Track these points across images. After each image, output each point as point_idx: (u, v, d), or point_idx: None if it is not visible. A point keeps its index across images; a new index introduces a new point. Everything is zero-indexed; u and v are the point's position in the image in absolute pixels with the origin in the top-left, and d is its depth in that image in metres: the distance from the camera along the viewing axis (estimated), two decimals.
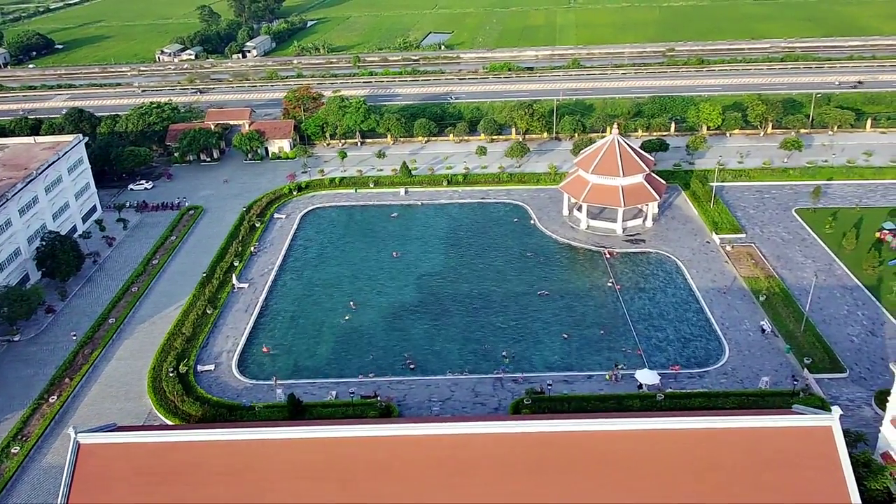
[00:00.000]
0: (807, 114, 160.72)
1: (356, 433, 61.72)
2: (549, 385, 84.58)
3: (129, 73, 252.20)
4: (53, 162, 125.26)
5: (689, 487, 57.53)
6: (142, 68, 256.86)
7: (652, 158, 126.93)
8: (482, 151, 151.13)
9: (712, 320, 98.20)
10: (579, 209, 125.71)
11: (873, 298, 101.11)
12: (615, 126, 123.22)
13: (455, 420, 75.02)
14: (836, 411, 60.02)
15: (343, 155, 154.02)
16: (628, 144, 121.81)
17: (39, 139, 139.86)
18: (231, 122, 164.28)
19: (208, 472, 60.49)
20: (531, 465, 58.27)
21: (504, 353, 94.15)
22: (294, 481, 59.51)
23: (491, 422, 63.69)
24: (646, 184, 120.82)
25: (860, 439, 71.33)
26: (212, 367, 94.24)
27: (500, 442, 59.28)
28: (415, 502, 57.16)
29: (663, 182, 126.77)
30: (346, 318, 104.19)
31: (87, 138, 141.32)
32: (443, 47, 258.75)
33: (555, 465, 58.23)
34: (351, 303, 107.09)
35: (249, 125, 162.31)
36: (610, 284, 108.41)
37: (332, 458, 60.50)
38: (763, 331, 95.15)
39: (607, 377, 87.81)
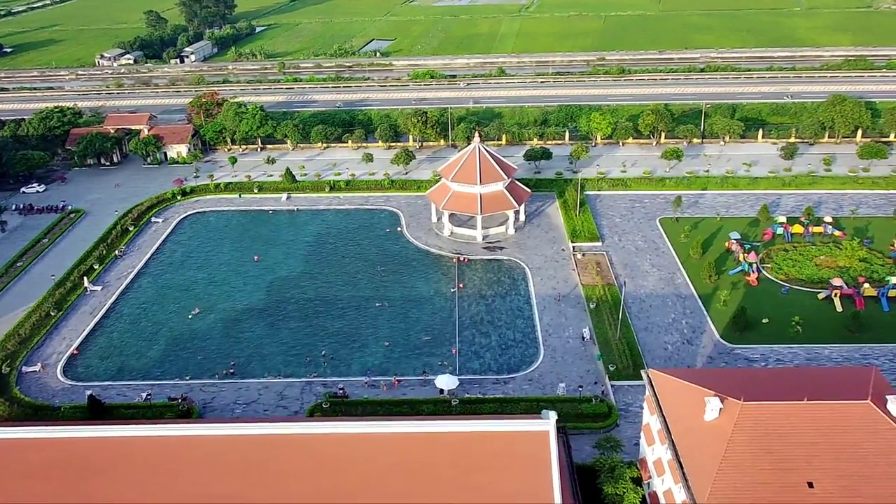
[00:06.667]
0: (697, 124, 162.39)
1: (91, 434, 63.00)
2: (341, 389, 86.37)
3: (66, 77, 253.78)
4: None
5: (398, 487, 58.61)
6: (79, 72, 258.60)
7: (514, 167, 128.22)
8: (368, 158, 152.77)
9: (538, 327, 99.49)
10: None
11: (702, 308, 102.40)
12: (476, 135, 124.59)
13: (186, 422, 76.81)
14: (553, 416, 61.30)
15: (233, 160, 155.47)
16: (489, 153, 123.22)
17: None
18: (130, 127, 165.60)
19: None
20: (244, 467, 59.43)
21: (323, 354, 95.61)
22: (24, 480, 60.68)
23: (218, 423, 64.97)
24: (505, 192, 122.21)
25: (616, 446, 72.66)
26: (38, 367, 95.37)
27: (219, 442, 60.62)
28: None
29: (527, 190, 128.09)
30: (190, 317, 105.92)
31: None
32: (378, 54, 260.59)
33: (270, 468, 59.35)
34: (196, 309, 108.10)
35: (148, 130, 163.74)
36: (453, 291, 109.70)
37: (66, 458, 61.68)
38: (583, 338, 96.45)
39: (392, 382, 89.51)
